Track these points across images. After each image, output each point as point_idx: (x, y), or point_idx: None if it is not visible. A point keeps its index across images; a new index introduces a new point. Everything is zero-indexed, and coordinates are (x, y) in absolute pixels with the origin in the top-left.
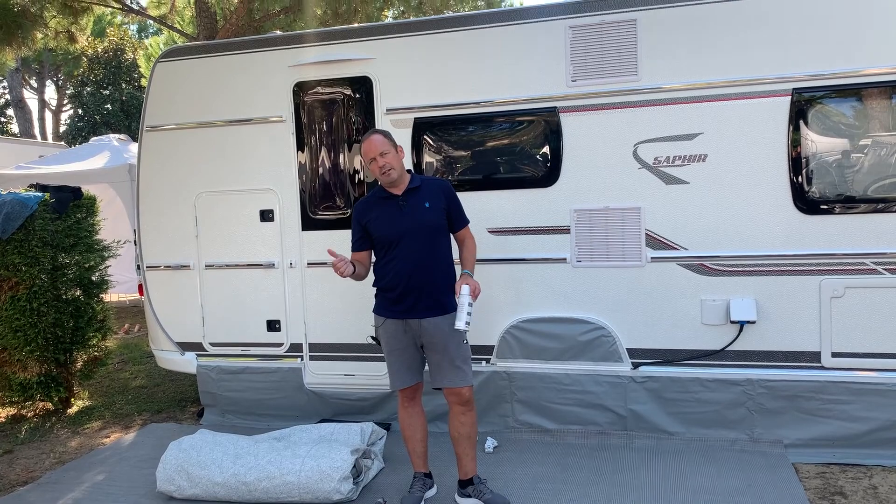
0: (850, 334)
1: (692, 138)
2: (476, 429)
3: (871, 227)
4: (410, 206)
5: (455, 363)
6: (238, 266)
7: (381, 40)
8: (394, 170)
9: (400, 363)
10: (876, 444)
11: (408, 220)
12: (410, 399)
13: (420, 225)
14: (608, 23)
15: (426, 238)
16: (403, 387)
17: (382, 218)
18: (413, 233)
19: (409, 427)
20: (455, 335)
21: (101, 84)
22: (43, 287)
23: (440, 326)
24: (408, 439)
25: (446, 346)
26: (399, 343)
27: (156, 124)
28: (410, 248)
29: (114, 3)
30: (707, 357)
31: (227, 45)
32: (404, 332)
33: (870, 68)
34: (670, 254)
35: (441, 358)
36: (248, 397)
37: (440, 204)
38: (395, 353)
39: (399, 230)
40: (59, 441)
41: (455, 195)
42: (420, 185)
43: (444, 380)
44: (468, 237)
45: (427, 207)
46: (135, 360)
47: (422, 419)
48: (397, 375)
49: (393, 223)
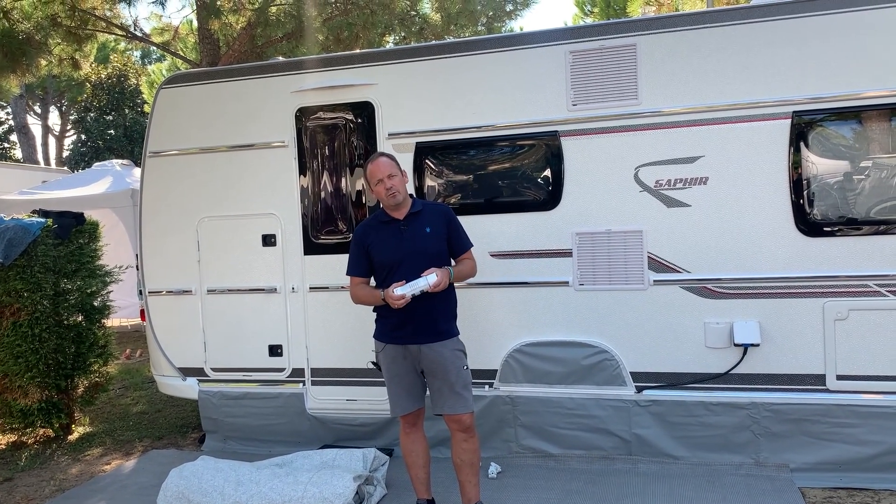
0: (854, 357)
1: (693, 161)
2: (478, 455)
3: (873, 249)
4: (411, 231)
5: (455, 389)
6: (240, 291)
7: (383, 66)
8: (399, 193)
9: (401, 389)
10: (883, 468)
11: (408, 244)
12: (412, 425)
13: (420, 250)
14: (608, 48)
15: (426, 263)
16: (404, 413)
17: (383, 242)
18: (413, 257)
19: (410, 454)
20: (456, 361)
21: (105, 110)
22: (45, 313)
23: (440, 353)
24: (410, 466)
25: (446, 372)
26: (399, 369)
27: (159, 150)
28: (410, 273)
29: (118, 30)
30: (711, 380)
31: (229, 72)
32: (404, 357)
33: (869, 91)
34: (673, 276)
35: (441, 384)
36: (250, 423)
37: (441, 230)
38: (395, 379)
39: (399, 254)
40: (60, 468)
41: (456, 220)
42: (422, 209)
43: (445, 406)
44: (468, 259)
45: (428, 233)
46: (136, 386)
47: (424, 445)
48: (398, 401)
49: (393, 247)
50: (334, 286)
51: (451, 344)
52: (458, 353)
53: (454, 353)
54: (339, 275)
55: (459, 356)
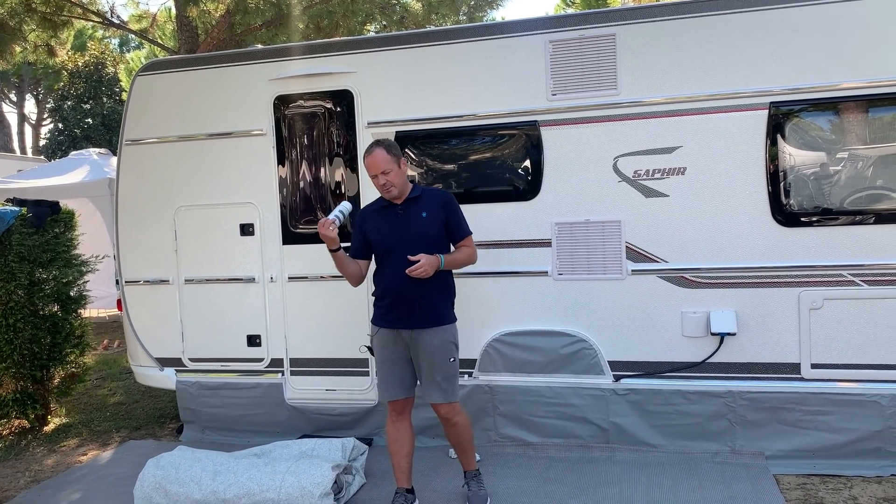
0: (829, 346)
1: (671, 152)
2: (465, 437)
3: (848, 240)
4: (407, 216)
5: (435, 379)
6: (218, 281)
7: (363, 54)
8: (394, 187)
9: (391, 374)
10: (856, 454)
11: (403, 228)
12: (398, 413)
13: (415, 234)
14: (588, 37)
15: (421, 248)
16: (390, 399)
17: (380, 225)
18: (408, 241)
19: (395, 442)
20: (443, 352)
21: (82, 98)
22: (19, 303)
23: (430, 341)
24: (393, 454)
25: (431, 362)
26: (391, 354)
27: (135, 138)
28: (403, 257)
29: (94, 17)
30: (688, 369)
31: (207, 59)
32: (395, 342)
33: (845, 82)
34: (651, 266)
35: (426, 372)
36: (229, 413)
37: (439, 215)
38: (386, 364)
39: (395, 238)
40: (35, 459)
41: (455, 206)
42: (420, 195)
43: (426, 394)
44: (466, 246)
45: (424, 217)
46: (113, 377)
47: (409, 435)
48: (386, 387)
49: (389, 232)
50: (313, 276)
51: (442, 333)
52: (449, 344)
53: (444, 344)
54: (317, 264)
55: (449, 348)
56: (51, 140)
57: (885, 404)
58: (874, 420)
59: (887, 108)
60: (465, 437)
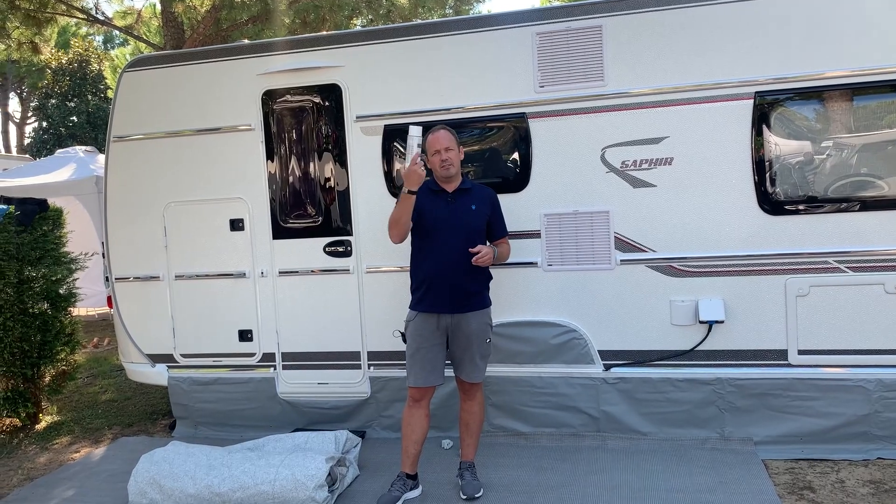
0: (815, 332)
1: (658, 142)
2: (480, 420)
3: (833, 227)
4: (458, 205)
5: (475, 359)
6: (208, 276)
7: (350, 48)
8: (453, 165)
9: (423, 362)
10: (842, 439)
11: (454, 216)
12: (417, 400)
13: (464, 224)
14: (574, 29)
15: (464, 238)
16: (416, 385)
17: (433, 208)
18: (454, 229)
19: (408, 426)
20: (484, 334)
21: (67, 96)
22: (9, 301)
23: (469, 324)
24: (404, 437)
25: (470, 344)
26: (426, 341)
27: (123, 134)
28: (447, 244)
29: (78, 13)
30: (677, 357)
31: (194, 55)
32: (434, 329)
33: (830, 71)
34: (639, 256)
35: (463, 353)
36: (221, 408)
37: (486, 210)
38: (420, 352)
39: (444, 224)
40: (28, 457)
41: (499, 204)
42: (471, 188)
43: (462, 372)
44: (504, 244)
45: (473, 210)
46: (104, 374)
47: (424, 423)
48: (415, 372)
49: (440, 216)
50: (304, 270)
51: (481, 316)
52: (486, 326)
53: (481, 327)
54: (308, 259)
55: (486, 329)
56: (35, 138)
57: (871, 389)
58: (860, 404)
59: (871, 96)
60: (480, 419)
